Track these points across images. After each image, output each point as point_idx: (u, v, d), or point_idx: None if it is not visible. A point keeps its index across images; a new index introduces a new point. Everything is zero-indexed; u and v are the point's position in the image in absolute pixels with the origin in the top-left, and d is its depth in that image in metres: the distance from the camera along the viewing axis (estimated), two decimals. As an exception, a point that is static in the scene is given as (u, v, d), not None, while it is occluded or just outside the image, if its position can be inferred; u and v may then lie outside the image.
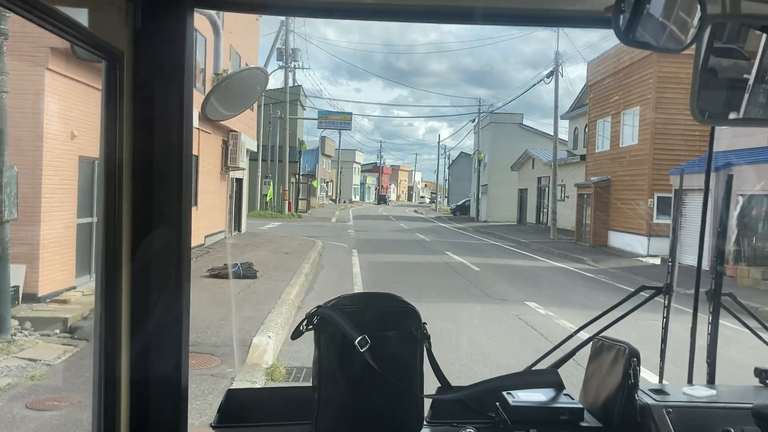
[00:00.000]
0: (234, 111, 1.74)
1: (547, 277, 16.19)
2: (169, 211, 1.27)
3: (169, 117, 1.26)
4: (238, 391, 1.78)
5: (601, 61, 27.05)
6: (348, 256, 18.74)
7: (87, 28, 1.11)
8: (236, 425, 1.68)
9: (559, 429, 1.65)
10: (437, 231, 35.13)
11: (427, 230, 34.99)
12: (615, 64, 25.04)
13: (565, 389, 1.74)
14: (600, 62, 27.18)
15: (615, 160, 25.34)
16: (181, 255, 1.29)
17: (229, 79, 1.61)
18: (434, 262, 18.26)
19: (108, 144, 1.22)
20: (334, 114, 44.47)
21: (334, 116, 44.01)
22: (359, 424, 1.56)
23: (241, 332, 7.86)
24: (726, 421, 1.60)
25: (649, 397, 1.72)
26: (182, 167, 1.27)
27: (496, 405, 1.70)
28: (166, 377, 1.28)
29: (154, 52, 1.25)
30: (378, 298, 1.62)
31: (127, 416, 1.27)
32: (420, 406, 1.60)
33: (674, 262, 2.13)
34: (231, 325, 8.11)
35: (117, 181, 1.23)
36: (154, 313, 1.27)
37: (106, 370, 1.24)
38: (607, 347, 1.84)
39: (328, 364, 1.55)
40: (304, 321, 1.56)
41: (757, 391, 1.89)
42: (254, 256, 16.09)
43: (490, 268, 17.40)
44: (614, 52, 25.03)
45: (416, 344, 1.59)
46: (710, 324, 2.09)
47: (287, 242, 21.12)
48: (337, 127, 45.28)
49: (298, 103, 46.69)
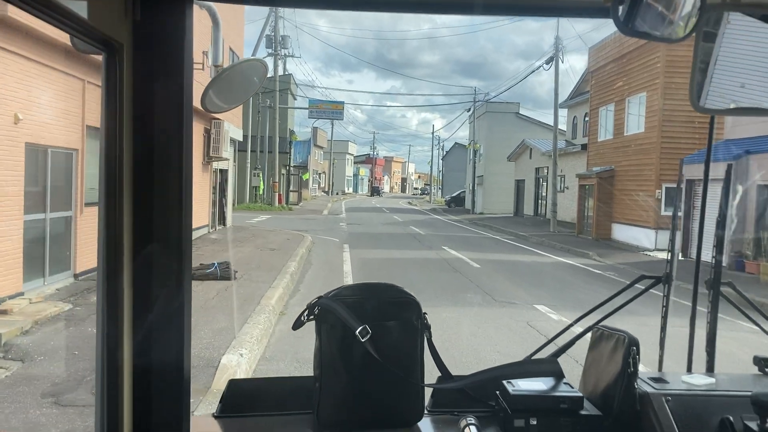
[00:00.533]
0: (233, 103, 1.73)
1: (552, 275, 15.05)
2: (170, 202, 1.28)
3: (170, 109, 1.27)
4: (240, 381, 1.78)
5: (603, 46, 25.83)
6: (339, 252, 17.55)
7: (86, 20, 1.11)
8: (238, 415, 1.69)
9: (559, 417, 1.64)
10: (432, 224, 33.95)
11: (422, 223, 33.81)
12: (619, 48, 23.82)
13: (564, 378, 1.75)
14: (603, 47, 25.95)
15: (619, 150, 24.18)
16: (182, 245, 1.29)
17: (229, 71, 1.61)
18: (431, 259, 17.07)
19: (108, 136, 1.23)
20: (325, 103, 42.69)
21: (326, 105, 42.25)
22: (360, 413, 1.59)
23: (208, 349, 6.66)
24: (725, 409, 1.60)
25: (649, 385, 1.71)
26: (182, 158, 1.28)
27: (497, 394, 1.71)
28: (168, 368, 1.29)
29: (154, 45, 1.25)
30: (378, 288, 1.64)
31: (130, 407, 1.28)
32: (421, 395, 1.63)
33: (673, 251, 2.14)
34: (198, 340, 6.91)
35: (118, 173, 1.23)
36: (156, 304, 1.28)
37: (109, 361, 1.25)
38: (606, 336, 1.82)
39: (329, 354, 1.57)
40: (305, 311, 1.59)
41: (756, 379, 1.87)
42: (237, 253, 14.93)
43: (490, 264, 16.24)
44: (618, 36, 23.82)
45: (417, 334, 1.62)
46: (709, 313, 2.09)
47: (274, 237, 19.93)
48: (329, 116, 43.55)
49: (288, 93, 45.37)
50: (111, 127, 1.22)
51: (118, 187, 1.23)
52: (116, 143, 1.22)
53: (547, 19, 36.71)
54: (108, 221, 1.23)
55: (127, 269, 1.25)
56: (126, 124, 1.23)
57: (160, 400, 1.29)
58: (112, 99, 1.21)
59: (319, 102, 42.69)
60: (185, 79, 1.26)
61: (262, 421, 1.70)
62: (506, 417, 1.64)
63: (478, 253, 18.76)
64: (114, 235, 1.23)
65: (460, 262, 16.38)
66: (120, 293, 1.24)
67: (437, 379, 1.72)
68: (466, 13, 1.39)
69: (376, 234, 25.09)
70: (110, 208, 1.23)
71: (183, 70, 1.26)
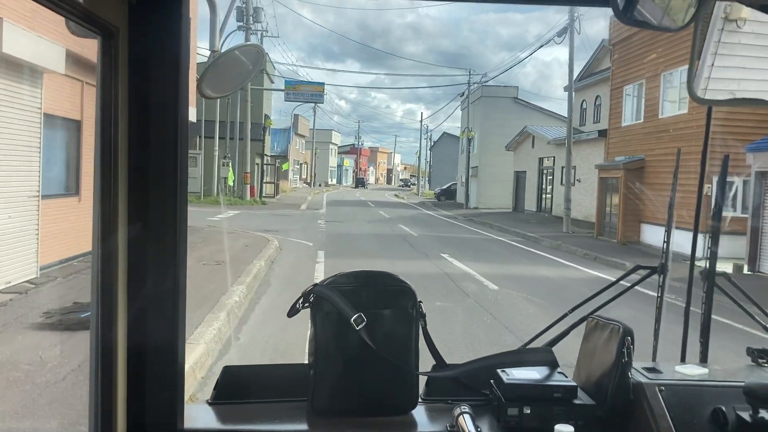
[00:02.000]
0: (229, 89, 1.75)
1: (610, 308, 11.08)
2: (165, 187, 1.28)
3: (166, 94, 1.27)
4: (235, 367, 1.75)
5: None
6: (310, 264, 13.52)
7: (82, 3, 1.11)
8: (232, 401, 1.68)
9: (553, 406, 1.63)
10: (424, 221, 29.93)
11: (412, 220, 29.76)
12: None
13: (559, 367, 1.75)
14: (628, 15, 21.93)
15: (651, 135, 20.21)
16: (177, 232, 1.30)
17: (225, 57, 1.63)
18: (430, 274, 12.91)
19: (104, 120, 1.23)
20: (304, 84, 37.83)
21: (304, 87, 37.43)
22: (355, 401, 1.61)
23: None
24: (718, 398, 1.60)
25: (642, 375, 1.70)
26: (178, 143, 1.28)
27: (491, 382, 1.70)
28: (162, 355, 1.30)
29: (150, 29, 1.25)
30: (374, 276, 1.64)
31: (124, 393, 1.29)
32: (415, 383, 1.65)
33: (669, 242, 2.13)
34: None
35: (113, 157, 1.23)
36: (150, 291, 1.28)
37: (103, 349, 1.25)
38: (601, 326, 1.81)
39: (324, 341, 1.59)
40: (300, 299, 1.59)
41: (749, 369, 1.85)
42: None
43: (510, 283, 12.21)
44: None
45: (412, 322, 1.63)
46: (704, 304, 2.07)
47: (232, 242, 15.89)
48: (308, 99, 38.50)
49: (264, 74, 41.07)
50: (107, 112, 1.23)
51: (113, 172, 1.24)
52: (111, 127, 1.23)
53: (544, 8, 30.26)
54: (103, 207, 1.24)
55: (122, 257, 1.26)
56: (122, 109, 1.25)
57: (154, 386, 1.32)
58: (108, 84, 1.23)
59: (297, 83, 37.82)
60: (182, 64, 1.28)
61: (256, 408, 1.68)
62: (500, 405, 1.62)
63: (488, 265, 14.75)
64: (109, 219, 1.24)
65: (469, 279, 12.37)
66: (114, 283, 1.25)
67: (432, 367, 1.72)
68: (463, 0, 1.40)
69: (359, 235, 20.97)
70: (105, 192, 1.24)
71: (180, 54, 1.27)
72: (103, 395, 1.24)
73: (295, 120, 69.54)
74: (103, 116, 1.22)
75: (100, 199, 1.22)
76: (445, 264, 14.58)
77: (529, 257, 17.17)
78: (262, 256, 13.38)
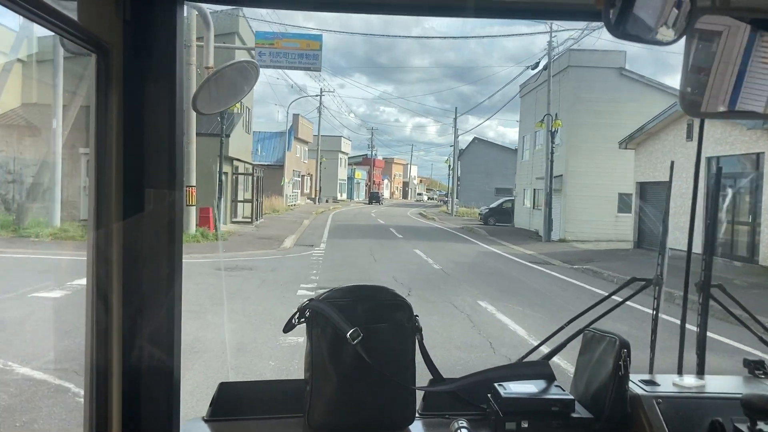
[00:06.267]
0: (224, 105, 1.72)
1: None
2: (160, 202, 1.27)
3: (160, 110, 1.26)
4: (231, 384, 1.73)
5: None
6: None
7: (76, 21, 1.10)
8: (228, 418, 1.68)
9: (551, 420, 1.63)
10: (502, 274, 15.57)
11: (476, 272, 15.44)
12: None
13: (556, 381, 1.74)
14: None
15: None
16: (173, 249, 1.29)
17: (219, 73, 1.60)
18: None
19: (98, 137, 1.23)
20: (290, 38, 22.71)
21: (289, 43, 22.31)
22: (351, 417, 1.59)
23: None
24: (715, 411, 1.60)
25: (639, 387, 1.72)
26: (174, 160, 1.27)
27: (488, 396, 1.70)
28: (158, 370, 1.29)
29: (145, 45, 1.25)
30: (369, 290, 1.62)
31: (120, 408, 1.27)
32: (412, 398, 1.63)
33: (664, 254, 2.12)
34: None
35: (107, 174, 1.23)
36: (146, 305, 1.27)
37: (98, 362, 1.24)
38: (597, 339, 1.81)
39: (320, 356, 1.57)
40: (296, 314, 1.57)
41: (746, 381, 1.87)
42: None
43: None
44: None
45: (408, 337, 1.61)
46: (700, 315, 2.07)
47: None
48: (295, 63, 23.00)
49: (236, 36, 27.05)
50: (101, 129, 1.22)
51: (108, 187, 1.23)
52: (106, 143, 1.22)
53: (538, 22, 30.70)
54: (98, 222, 1.22)
55: (116, 290, 1.24)
56: (116, 126, 1.23)
57: (150, 402, 1.29)
58: (103, 100, 1.22)
59: (276, 36, 22.72)
60: (176, 80, 1.27)
61: (252, 425, 1.68)
62: (497, 420, 1.62)
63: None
64: (104, 237, 1.23)
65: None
66: (110, 293, 1.24)
67: (428, 381, 1.72)
68: (458, 15, 1.39)
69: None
70: (100, 209, 1.22)
71: (174, 70, 1.27)
72: (98, 413, 1.23)
73: (295, 121, 55.33)
74: (97, 133, 1.22)
75: (95, 219, 1.22)
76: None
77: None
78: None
